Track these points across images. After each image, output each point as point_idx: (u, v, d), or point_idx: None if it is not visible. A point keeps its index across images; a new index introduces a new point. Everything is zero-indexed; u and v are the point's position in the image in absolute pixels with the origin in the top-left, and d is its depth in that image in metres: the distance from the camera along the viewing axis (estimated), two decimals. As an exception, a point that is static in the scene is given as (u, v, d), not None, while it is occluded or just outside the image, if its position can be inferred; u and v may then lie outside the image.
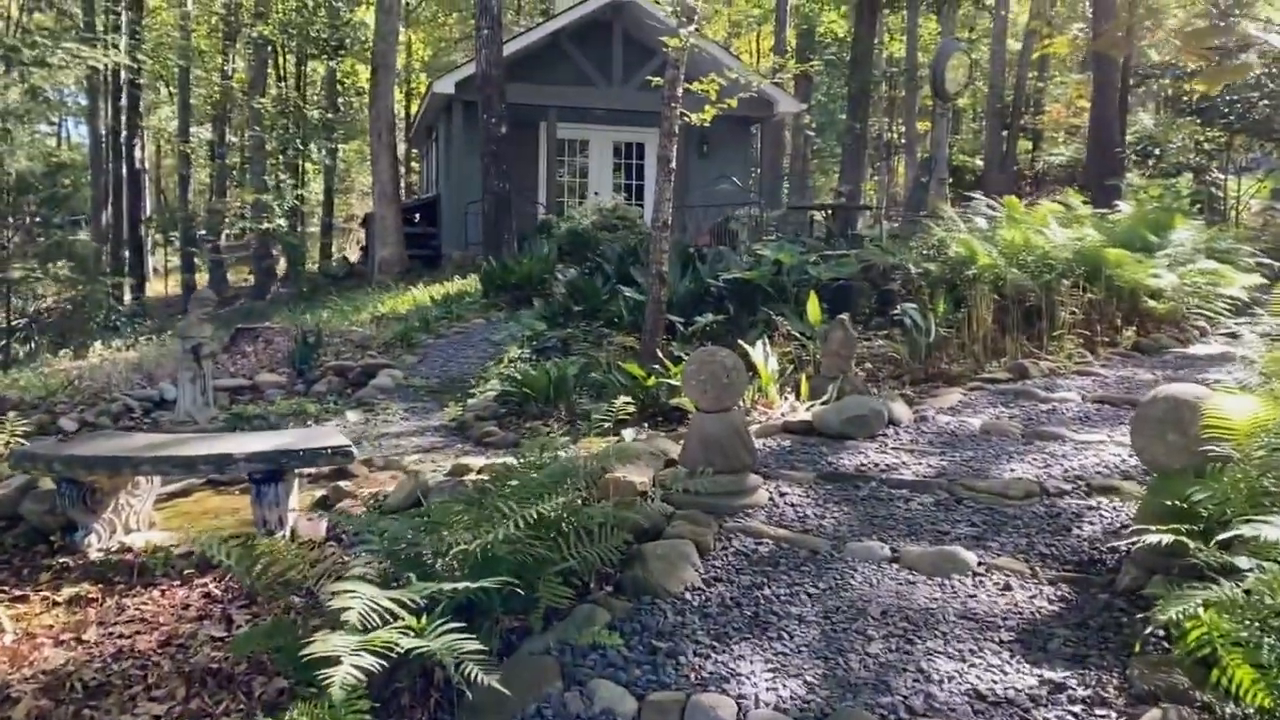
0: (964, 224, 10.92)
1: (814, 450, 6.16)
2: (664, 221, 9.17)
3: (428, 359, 11.58)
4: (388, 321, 14.48)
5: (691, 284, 10.73)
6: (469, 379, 10.41)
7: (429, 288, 16.86)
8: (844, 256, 10.94)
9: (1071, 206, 11.24)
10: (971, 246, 9.85)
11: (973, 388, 7.60)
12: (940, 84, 11.40)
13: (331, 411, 9.45)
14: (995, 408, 7.03)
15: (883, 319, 10.19)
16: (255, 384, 10.46)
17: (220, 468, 4.95)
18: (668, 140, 9.09)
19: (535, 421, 8.29)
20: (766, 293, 10.24)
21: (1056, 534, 4.86)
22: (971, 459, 5.91)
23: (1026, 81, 26.31)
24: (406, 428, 8.69)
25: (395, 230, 20.87)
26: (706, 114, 9.21)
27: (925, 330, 8.72)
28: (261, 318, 20.74)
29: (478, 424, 8.37)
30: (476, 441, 7.96)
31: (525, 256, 15.06)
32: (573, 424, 8.12)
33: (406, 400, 9.81)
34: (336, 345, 12.01)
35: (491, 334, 12.62)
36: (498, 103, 16.43)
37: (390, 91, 21.31)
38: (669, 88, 9.01)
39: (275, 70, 34.24)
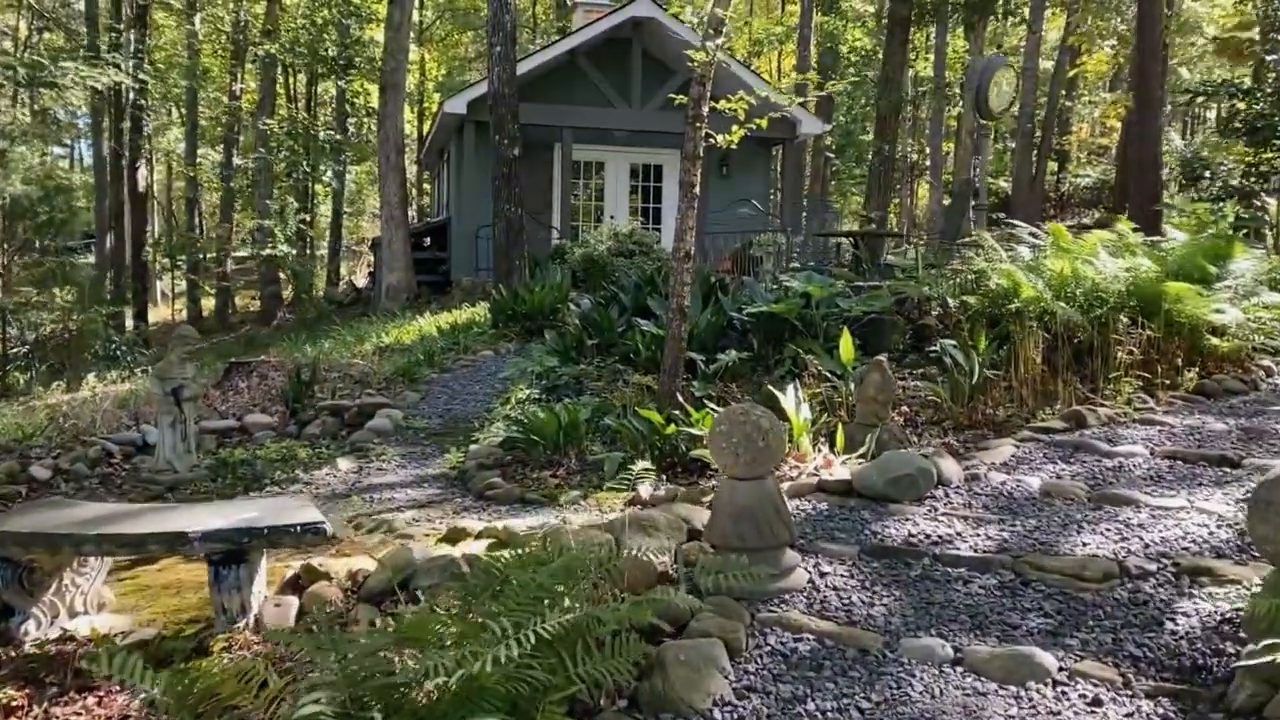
0: (1005, 253, 10.20)
1: (855, 516, 5.44)
2: (686, 252, 8.48)
3: (431, 396, 10.90)
4: (391, 353, 13.81)
5: (713, 317, 10.03)
6: (474, 419, 9.72)
7: (436, 316, 16.21)
8: (876, 288, 10.23)
9: (1121, 234, 10.49)
10: (1015, 278, 9.12)
11: (1025, 438, 6.86)
12: (984, 102, 10.70)
13: (323, 458, 8.77)
14: (1054, 463, 6.29)
15: (918, 356, 9.48)
16: (244, 425, 9.79)
17: (172, 547, 4.26)
18: (691, 163, 8.41)
19: (543, 471, 7.60)
20: (794, 327, 9.53)
21: (1147, 629, 4.12)
22: (1035, 529, 5.18)
23: (1058, 101, 25.57)
24: (402, 477, 8.00)
25: (403, 255, 20.23)
26: (734, 135, 8.53)
27: (968, 371, 8.00)
28: (264, 346, 20.14)
29: (480, 474, 7.68)
30: (478, 495, 7.26)
31: (537, 284, 14.39)
32: (584, 474, 7.43)
33: (405, 444, 9.12)
34: (334, 381, 11.33)
35: (500, 368, 11.94)
36: (510, 123, 15.79)
37: (399, 111, 20.71)
38: (693, 106, 8.33)
39: (286, 91, 33.78)
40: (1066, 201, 36.02)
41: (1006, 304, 9.16)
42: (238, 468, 8.48)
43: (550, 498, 6.91)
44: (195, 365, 8.54)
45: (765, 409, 4.65)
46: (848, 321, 9.50)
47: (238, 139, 28.33)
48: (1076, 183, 36.53)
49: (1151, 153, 16.84)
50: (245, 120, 26.80)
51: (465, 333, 14.28)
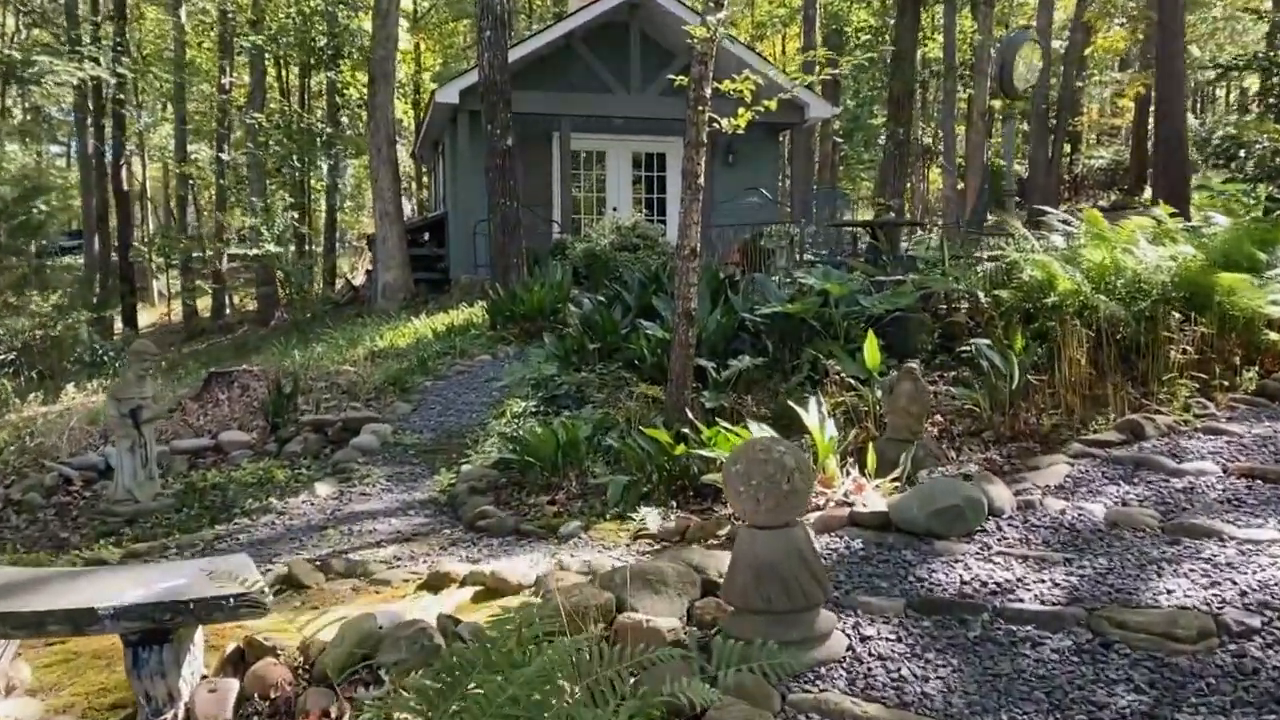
0: (1037, 242, 9.44)
1: (896, 558, 4.70)
2: (691, 249, 7.73)
3: (423, 407, 10.16)
4: (384, 359, 13.08)
5: (723, 318, 9.28)
6: (468, 433, 8.98)
7: (433, 317, 15.48)
8: (899, 283, 9.46)
9: (1159, 219, 9.71)
10: (1050, 269, 8.35)
11: (1078, 454, 6.09)
12: (1009, 79, 9.92)
13: (302, 480, 8.05)
14: (1115, 485, 5.54)
15: (948, 356, 8.71)
16: (219, 444, 9.06)
17: (78, 627, 3.52)
18: (694, 151, 7.65)
19: (540, 496, 6.86)
20: (812, 328, 8.78)
21: (1265, 708, 3.39)
22: (1108, 571, 4.43)
23: (1073, 81, 24.73)
24: (387, 503, 7.27)
25: (399, 252, 19.48)
26: (741, 118, 7.77)
27: (1007, 375, 7.25)
28: (255, 350, 19.43)
29: (471, 499, 6.95)
30: (469, 525, 6.53)
31: (535, 283, 13.63)
32: (585, 499, 6.70)
33: (392, 463, 8.39)
34: (320, 392, 10.61)
35: (498, 373, 11.20)
36: (503, 112, 15.02)
37: (390, 102, 19.92)
38: (695, 87, 7.57)
39: (280, 84, 32.98)
40: (1080, 184, 35.21)
41: (1042, 298, 8.42)
42: (207, 494, 7.77)
43: (548, 528, 6.18)
44: (155, 382, 7.81)
45: (789, 444, 3.90)
46: (870, 320, 8.76)
47: (229, 134, 27.57)
48: (1090, 164, 35.72)
49: (1177, 131, 16.04)
50: (236, 114, 26.02)
51: (462, 335, 13.55)
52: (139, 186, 43.64)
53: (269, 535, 6.66)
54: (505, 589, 4.84)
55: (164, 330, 33.69)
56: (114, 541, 6.92)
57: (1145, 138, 32.16)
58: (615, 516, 6.22)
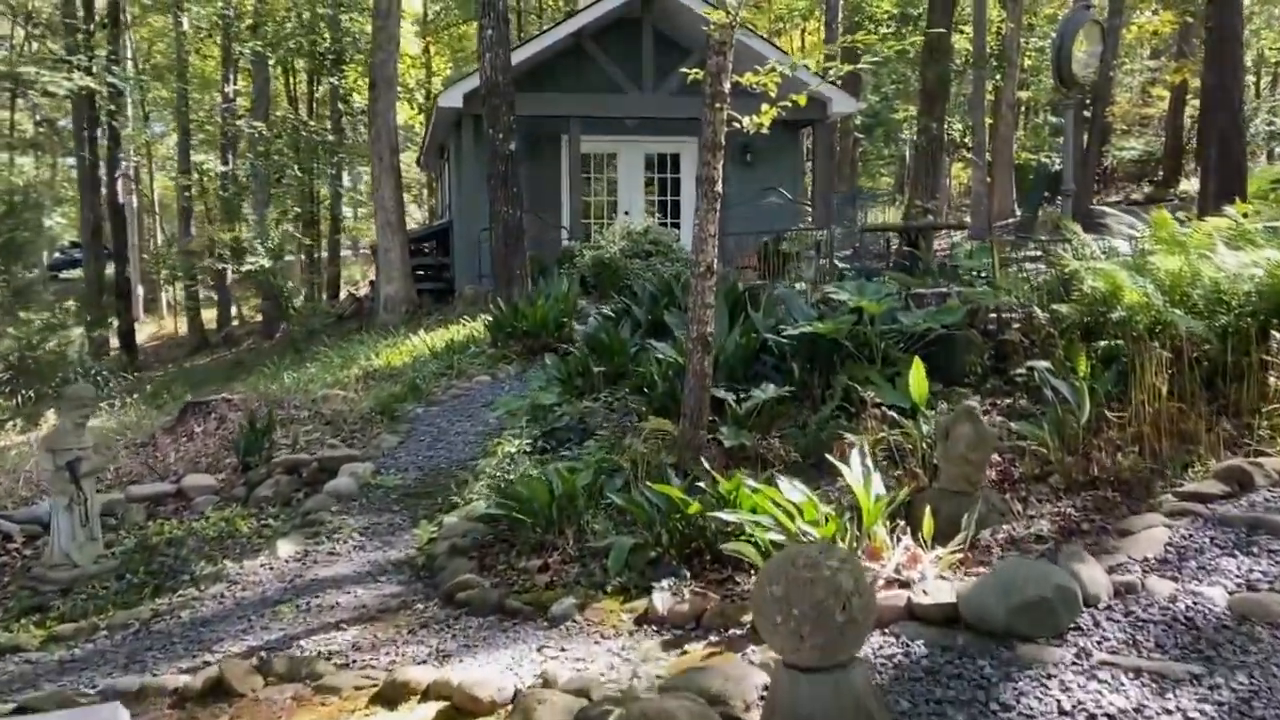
0: (1096, 245, 8.40)
1: (970, 670, 3.67)
2: (708, 265, 6.72)
3: (412, 438, 9.17)
4: (378, 379, 12.13)
5: (743, 339, 8.25)
6: (459, 470, 8.00)
7: (433, 332, 14.51)
8: (943, 296, 8.43)
9: (1234, 218, 8.61)
10: (1115, 279, 7.30)
11: (1174, 511, 5.03)
12: (1065, 66, 8.85)
13: (267, 534, 7.08)
14: (1231, 556, 4.48)
15: (999, 381, 7.68)
16: (182, 489, 8.09)
17: None
18: (711, 154, 6.64)
19: (531, 558, 5.86)
20: (844, 350, 7.74)
21: None
22: (1251, 692, 3.39)
23: (1109, 69, 23.52)
24: (355, 567, 6.28)
25: (400, 264, 18.51)
26: (765, 115, 6.78)
27: (1076, 406, 6.21)
28: (251, 368, 18.52)
29: (451, 563, 5.95)
30: (446, 597, 5.54)
31: (539, 296, 12.64)
32: (583, 562, 5.69)
33: (370, 511, 7.39)
34: (302, 423, 9.66)
35: (497, 396, 10.21)
36: (505, 115, 14.02)
37: (392, 108, 18.95)
38: (712, 82, 6.55)
39: (286, 91, 32.11)
40: (1110, 176, 34.00)
41: (1106, 313, 7.38)
42: (159, 553, 6.80)
43: (537, 605, 5.17)
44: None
45: (843, 554, 2.89)
46: (911, 340, 7.72)
47: (234, 144, 26.72)
48: (1121, 156, 34.49)
49: (1234, 120, 14.87)
50: (237, 124, 25.15)
51: (461, 353, 12.55)
52: (149, 198, 42.98)
53: (215, 612, 5.69)
54: (475, 709, 3.86)
55: (171, 343, 32.92)
56: (38, 620, 5.96)
57: (1181, 128, 30.94)
58: (617, 590, 5.22)
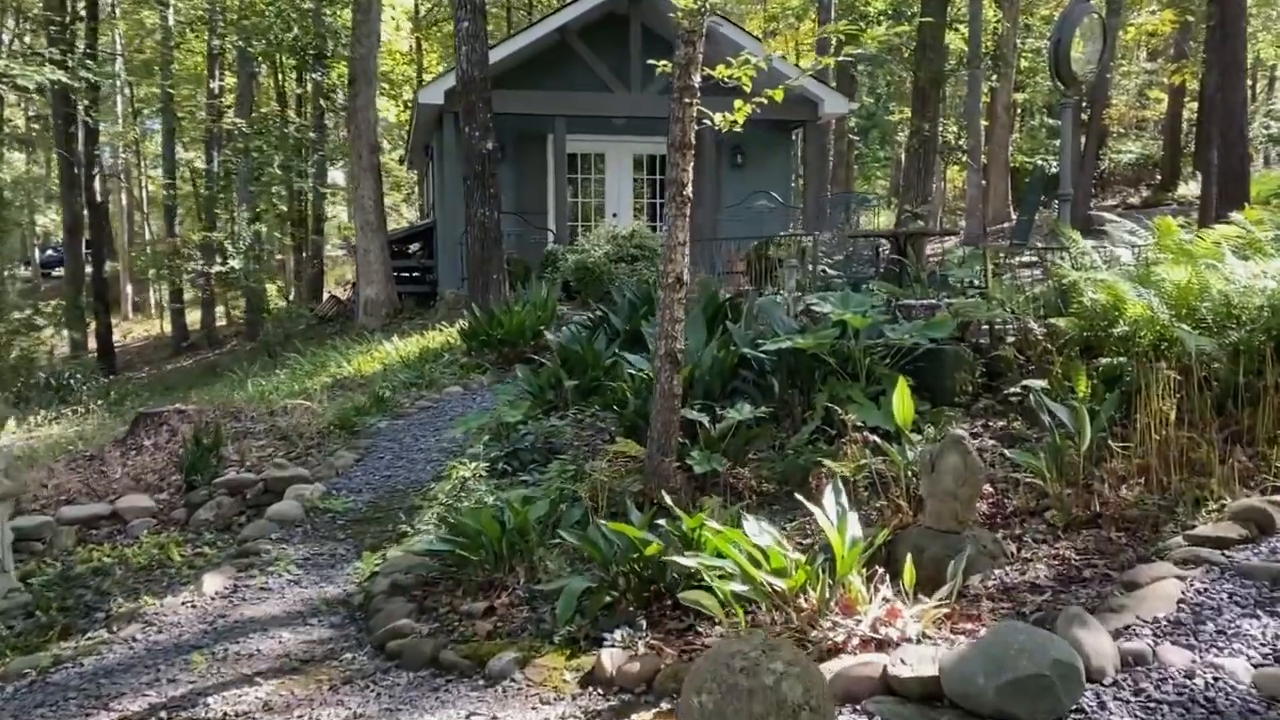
0: (1097, 254, 7.88)
1: (952, 760, 3.15)
2: (677, 276, 6.20)
3: (371, 455, 8.64)
4: (346, 389, 11.61)
5: (721, 353, 7.72)
6: (414, 493, 7.47)
7: (408, 339, 13.97)
8: (932, 309, 7.90)
9: (1243, 226, 8.08)
10: (1116, 291, 6.78)
11: (1186, 559, 4.50)
12: (1064, 64, 8.32)
13: (199, 564, 6.55)
14: (1253, 616, 3.95)
15: (992, 400, 7.16)
16: (117, 510, 7.55)
17: None
18: (680, 154, 6.12)
19: (477, 599, 5.33)
20: (827, 365, 7.21)
21: None
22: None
23: (1108, 70, 23.00)
24: (287, 605, 5.74)
25: (381, 266, 17.96)
26: (740, 112, 6.25)
27: (1076, 432, 5.68)
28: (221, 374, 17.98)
29: (389, 604, 5.42)
30: (378, 646, 5.01)
31: (518, 301, 12.11)
32: (532, 605, 5.17)
33: (313, 539, 6.86)
34: (256, 437, 9.14)
35: (469, 408, 9.71)
36: (482, 112, 13.47)
37: (372, 104, 18.38)
38: (680, 75, 6.03)
39: (277, 89, 31.50)
40: (1107, 180, 33.52)
41: (1107, 327, 6.87)
42: (79, 585, 6.27)
43: (476, 658, 4.64)
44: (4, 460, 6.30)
45: (791, 655, 2.36)
46: (898, 356, 7.21)
47: (219, 141, 26.14)
48: (1118, 159, 34.00)
49: (1237, 124, 14.35)
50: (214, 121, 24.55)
51: (435, 361, 12.03)
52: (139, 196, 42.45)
53: (122, 659, 5.15)
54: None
55: (156, 344, 32.38)
56: (-70, 665, 5.43)
57: (1179, 131, 30.46)
58: (566, 641, 4.69)
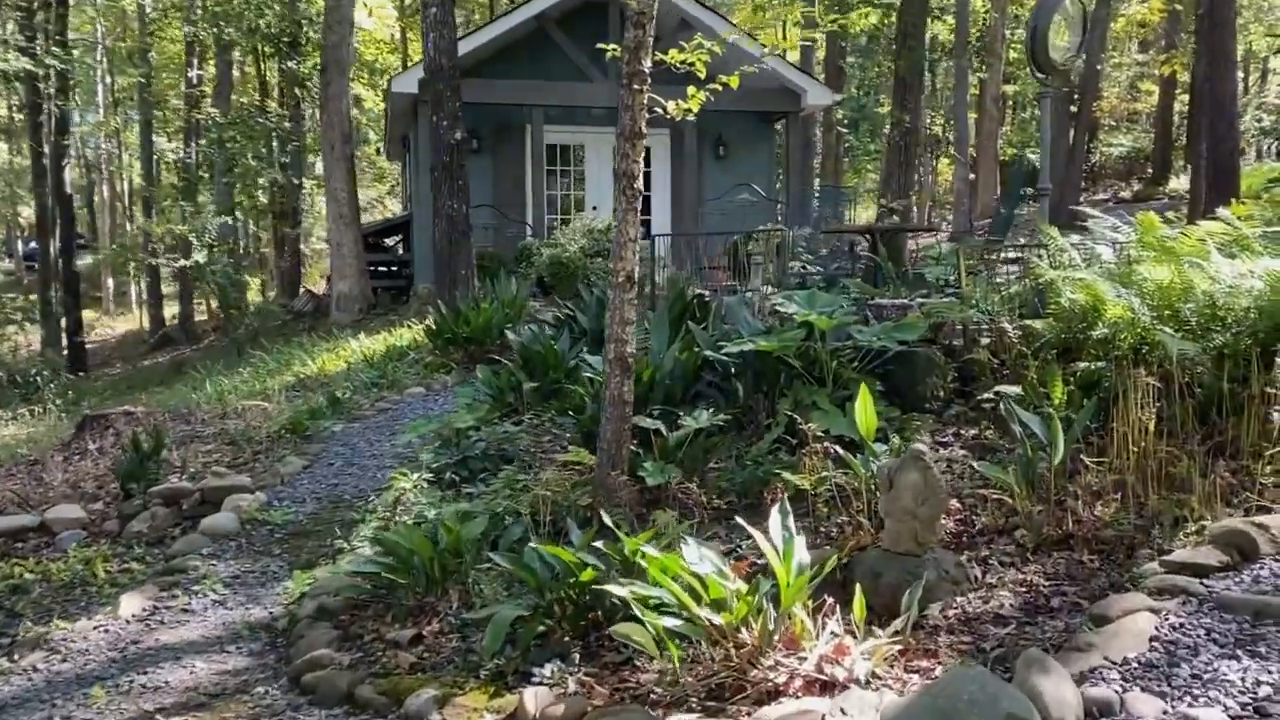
0: (1077, 253, 7.51)
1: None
2: (627, 275, 5.86)
3: (320, 462, 8.27)
4: (307, 389, 11.25)
5: (683, 354, 7.36)
6: (360, 503, 7.10)
7: (377, 336, 13.59)
8: (903, 309, 7.53)
9: (1230, 223, 7.71)
10: (1096, 291, 6.42)
11: (1162, 588, 4.13)
12: (1041, 51, 7.96)
13: (122, 583, 6.18)
14: (1233, 657, 3.58)
15: (965, 406, 6.80)
16: (46, 522, 7.16)
17: None
18: (630, 145, 5.78)
19: (405, 626, 4.97)
20: (793, 369, 6.85)
21: None
22: None
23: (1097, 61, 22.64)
24: (205, 630, 5.38)
25: (355, 260, 17.56)
26: (692, 100, 5.92)
27: (1048, 443, 5.32)
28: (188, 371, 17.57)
29: (311, 631, 5.06)
30: (293, 679, 4.66)
31: (486, 299, 11.73)
32: (463, 634, 4.81)
33: (246, 554, 6.50)
34: (203, 441, 8.76)
35: (430, 410, 9.35)
36: (450, 101, 13.08)
37: (345, 94, 17.95)
38: (629, 59, 5.68)
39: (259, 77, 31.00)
40: (1098, 173, 33.18)
41: (1086, 330, 6.52)
42: None
43: (394, 695, 4.28)
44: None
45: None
46: (867, 359, 6.85)
47: (197, 131, 25.67)
48: (1108, 152, 33.67)
49: (1227, 116, 14.03)
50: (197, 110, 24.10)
51: (400, 360, 11.66)
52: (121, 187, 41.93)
53: (19, 691, 4.79)
54: None
55: (134, 339, 31.94)
56: None
57: (1170, 123, 30.10)
58: (493, 675, 4.34)
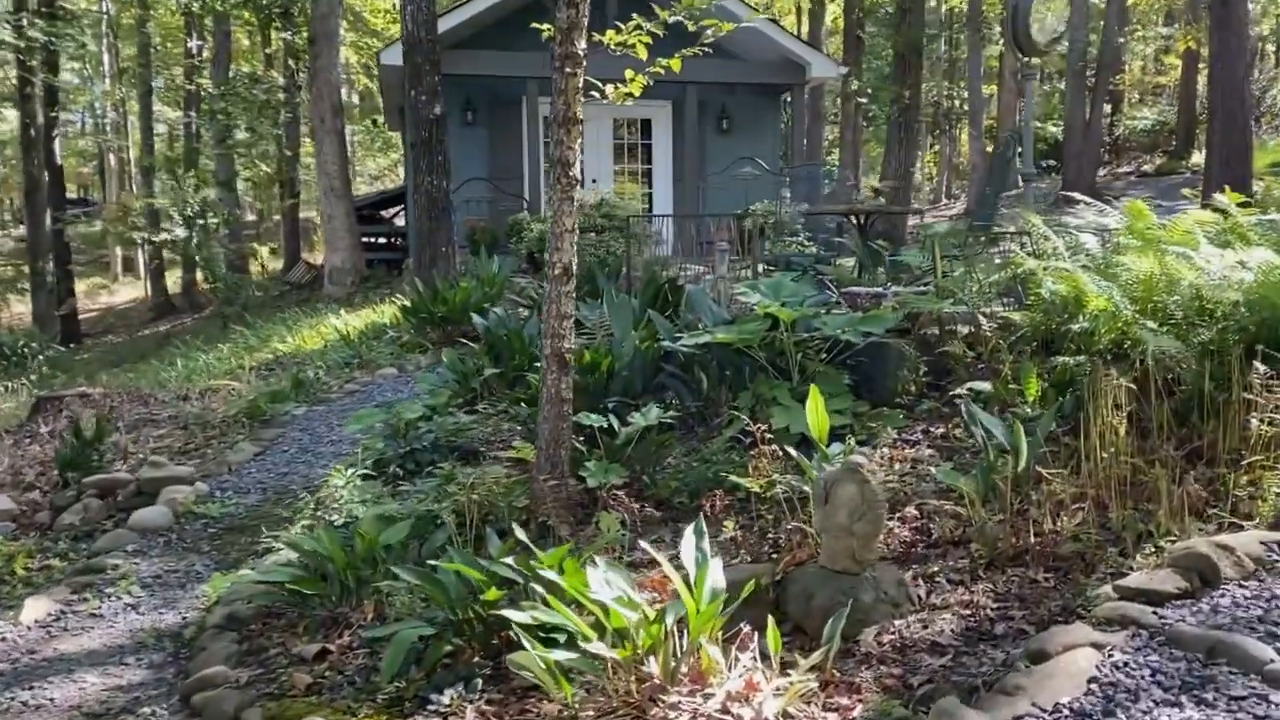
0: (1061, 240, 7.09)
1: None
2: (564, 267, 5.52)
3: (274, 449, 7.97)
4: (284, 367, 10.96)
5: (645, 345, 7.01)
6: (310, 492, 6.80)
7: (360, 312, 13.30)
8: (878, 298, 7.15)
9: (1224, 210, 7.27)
10: (1077, 282, 6.02)
11: (1110, 618, 3.76)
12: (1022, 32, 7.54)
13: (37, 583, 5.90)
14: (1176, 705, 3.21)
15: (938, 402, 6.45)
16: (-24, 512, 6.92)
17: None
18: (565, 130, 5.45)
19: (315, 639, 4.66)
20: (756, 360, 6.50)
21: None
22: None
23: (1114, 35, 22.04)
24: (109, 638, 5.09)
25: (346, 232, 17.25)
26: (633, 84, 5.60)
27: (1011, 449, 4.96)
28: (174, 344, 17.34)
29: (216, 642, 4.76)
30: (184, 699, 4.35)
31: (466, 276, 11.40)
32: (373, 650, 4.50)
33: (174, 551, 6.21)
34: (157, 425, 8.48)
35: (399, 394, 9.05)
36: (429, 74, 12.71)
37: (335, 65, 17.57)
38: (561, 41, 5.33)
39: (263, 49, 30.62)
40: (1121, 146, 32.62)
41: (1066, 323, 6.14)
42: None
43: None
44: None
45: None
46: (836, 351, 6.49)
47: (196, 102, 25.36)
48: (1132, 125, 33.05)
49: (1238, 94, 13.49)
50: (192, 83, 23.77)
51: (378, 339, 11.36)
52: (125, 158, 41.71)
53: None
54: None
55: (140, 307, 31.79)
56: None
57: (1194, 96, 29.45)
58: (391, 701, 4.03)
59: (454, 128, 15.83)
